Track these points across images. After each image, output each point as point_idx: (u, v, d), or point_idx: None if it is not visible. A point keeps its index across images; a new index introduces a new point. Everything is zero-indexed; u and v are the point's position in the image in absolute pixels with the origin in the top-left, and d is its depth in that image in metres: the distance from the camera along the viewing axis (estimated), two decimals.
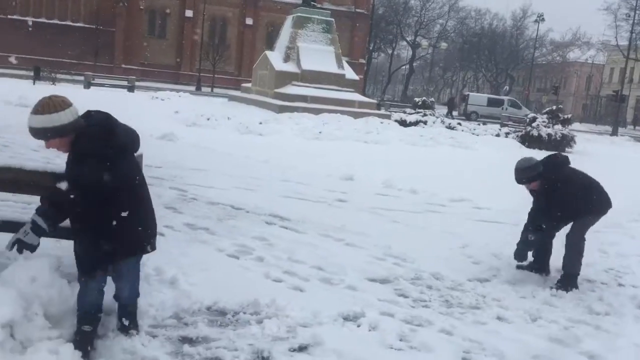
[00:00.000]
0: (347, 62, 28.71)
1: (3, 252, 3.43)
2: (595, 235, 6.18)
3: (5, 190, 4.04)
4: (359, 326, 4.02)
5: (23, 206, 4.24)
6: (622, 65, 75.51)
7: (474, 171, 11.92)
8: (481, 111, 45.31)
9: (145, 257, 3.54)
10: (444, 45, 57.65)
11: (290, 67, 20.48)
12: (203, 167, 9.80)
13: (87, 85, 29.49)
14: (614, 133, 38.75)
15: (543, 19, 59.24)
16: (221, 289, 4.36)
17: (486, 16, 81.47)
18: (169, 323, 3.82)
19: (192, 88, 40.02)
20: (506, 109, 45.40)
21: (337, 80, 20.51)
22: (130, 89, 30.34)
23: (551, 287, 5.14)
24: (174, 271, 4.49)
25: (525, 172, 5.30)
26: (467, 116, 43.81)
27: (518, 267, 5.51)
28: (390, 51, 79.16)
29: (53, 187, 3.17)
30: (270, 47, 25.66)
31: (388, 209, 7.95)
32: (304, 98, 19.20)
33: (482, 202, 8.79)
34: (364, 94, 38.05)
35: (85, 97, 19.26)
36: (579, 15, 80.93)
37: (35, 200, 4.30)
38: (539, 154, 17.42)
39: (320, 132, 14.93)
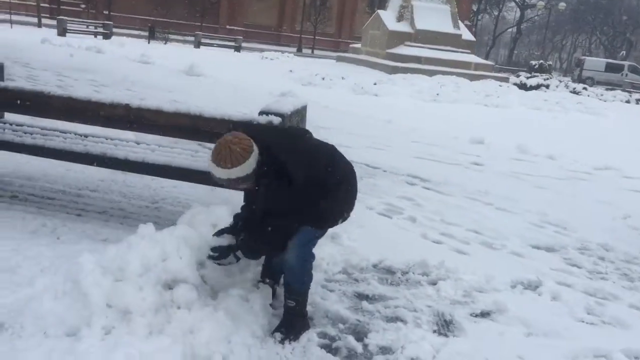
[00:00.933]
0: None
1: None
2: None
3: (181, 136, 4.03)
4: (539, 295, 3.72)
5: (191, 153, 4.24)
6: None
7: (612, 138, 11.06)
8: (598, 77, 42.35)
9: None
10: (562, 5, 53.84)
11: (404, 27, 19.85)
12: (327, 125, 9.67)
13: (197, 44, 30.26)
14: None
15: None
16: (384, 247, 4.19)
17: None
18: (340, 278, 3.71)
19: (293, 49, 40.07)
20: (626, 74, 42.20)
21: (452, 40, 19.67)
22: (237, 49, 30.87)
23: None
24: None
25: None
26: (582, 82, 41.04)
27: None
28: (496, 13, 75.51)
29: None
30: (373, 9, 25.01)
31: (528, 174, 7.49)
32: (417, 59, 18.59)
33: (630, 172, 8.10)
34: None
35: (198, 56, 19.76)
36: None
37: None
38: None
39: (437, 94, 14.40)
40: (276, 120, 3.75)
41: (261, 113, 3.82)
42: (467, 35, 20.80)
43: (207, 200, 4.70)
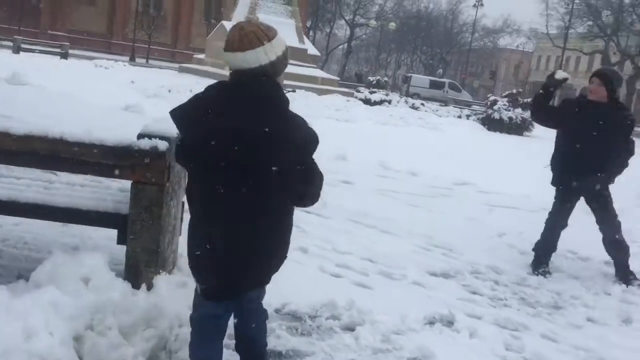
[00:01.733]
0: None
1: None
2: None
3: (34, 165, 3.19)
4: (458, 332, 3.47)
5: (45, 185, 3.41)
6: (550, 53, 78.59)
7: (455, 153, 11.58)
8: (423, 93, 45.52)
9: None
10: (392, 25, 57.33)
11: None
12: None
13: (17, 50, 27.24)
14: None
15: (482, 4, 60.22)
16: (283, 286, 3.63)
17: None
18: None
19: (126, 58, 37.85)
20: (447, 91, 45.99)
21: (299, 55, 19.68)
22: (64, 55, 28.32)
23: (618, 282, 4.76)
24: None
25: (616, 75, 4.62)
26: (410, 97, 43.97)
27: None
28: (328, 30, 78.53)
29: None
30: (209, 20, 24.38)
31: (396, 191, 7.44)
32: None
33: (484, 186, 8.42)
34: None
35: (18, 63, 17.59)
36: (510, 1, 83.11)
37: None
38: (501, 138, 17.57)
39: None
40: (162, 145, 3.11)
41: (142, 136, 3.15)
42: (312, 50, 21.03)
43: (62, 241, 3.86)
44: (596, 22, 60.23)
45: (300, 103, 15.17)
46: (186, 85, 15.43)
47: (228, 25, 19.92)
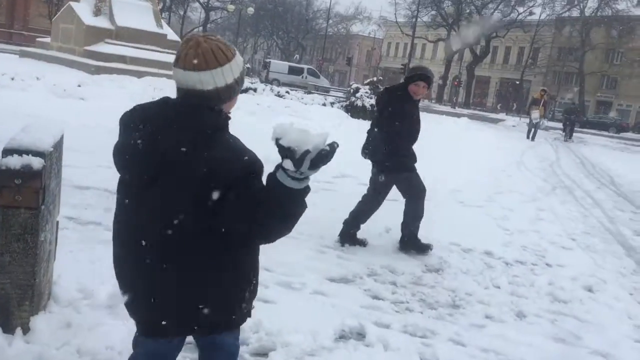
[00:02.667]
0: None
1: None
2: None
3: None
4: (372, 347, 3.35)
5: None
6: (399, 40, 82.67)
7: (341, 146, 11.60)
8: (282, 79, 45.70)
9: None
10: (250, 9, 56.53)
11: (103, 22, 18.04)
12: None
13: None
14: None
15: None
16: None
17: None
18: None
19: None
20: (306, 77, 46.51)
21: (157, 40, 18.60)
22: None
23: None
24: (108, 289, 3.31)
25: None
26: (270, 83, 43.90)
27: None
28: (181, 12, 75.91)
29: None
30: None
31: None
32: (122, 58, 17.08)
33: (365, 178, 8.46)
34: None
35: None
36: None
37: None
38: (363, 123, 18.02)
39: (153, 98, 13.35)
40: (37, 163, 2.62)
41: (7, 152, 2.63)
42: (172, 35, 20.00)
43: None
44: (439, 12, 64.28)
45: (164, 93, 14.38)
46: (31, 73, 13.93)
47: (76, 7, 18.35)
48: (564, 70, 60.10)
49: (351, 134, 13.82)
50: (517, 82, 61.45)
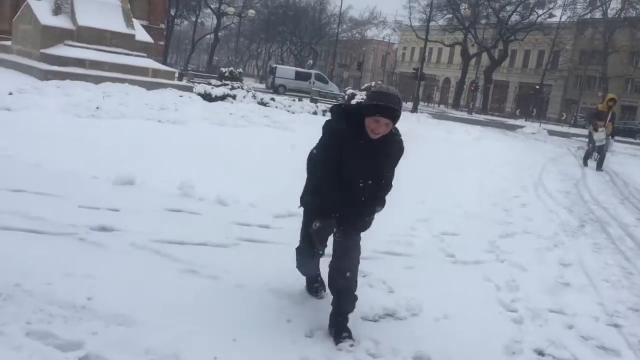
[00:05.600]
0: (146, 26, 24.59)
1: None
2: None
3: None
4: None
5: None
6: (414, 45, 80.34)
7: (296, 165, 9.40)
8: (289, 84, 43.83)
9: None
10: (251, 12, 54.70)
11: (63, 22, 16.01)
12: None
13: None
14: (414, 110, 39.66)
15: None
16: None
17: None
18: None
19: None
20: (313, 82, 44.47)
21: (125, 41, 16.53)
22: None
23: None
24: None
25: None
26: (275, 89, 42.01)
27: None
28: (194, 19, 74.46)
29: None
30: None
31: (182, 241, 4.93)
32: (81, 62, 15.04)
33: None
34: (165, 63, 33.85)
35: None
36: None
37: None
38: None
39: (97, 108, 11.29)
40: None
41: None
42: (142, 36, 17.94)
43: None
44: (455, 15, 61.89)
45: (115, 101, 12.30)
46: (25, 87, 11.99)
47: (34, 5, 16.31)
48: (586, 74, 57.30)
49: None
50: (537, 87, 58.69)
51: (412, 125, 22.98)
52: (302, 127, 14.42)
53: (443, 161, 12.91)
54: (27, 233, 4.57)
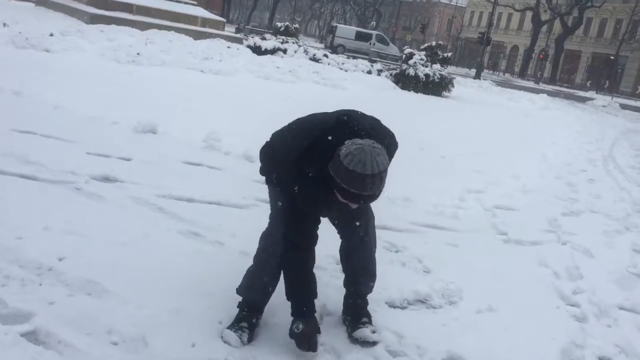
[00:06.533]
0: None
1: None
2: None
3: None
4: None
5: None
6: (483, 9, 76.90)
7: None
8: (349, 45, 42.63)
9: None
10: None
11: None
12: None
13: None
14: (477, 76, 37.89)
15: None
16: None
17: None
18: None
19: None
20: (374, 44, 43.17)
21: None
22: None
23: None
24: None
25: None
26: (334, 49, 40.90)
27: None
28: None
29: None
30: None
31: (192, 198, 4.35)
32: (128, 7, 14.64)
33: None
34: (228, 20, 33.29)
35: None
36: None
37: None
38: (415, 98, 14.78)
39: (138, 54, 10.83)
40: None
41: None
42: None
43: None
44: None
45: (157, 47, 11.80)
46: (4, 19, 11.66)
47: None
48: None
49: (393, 111, 10.68)
50: (612, 58, 55.15)
51: (474, 91, 21.84)
52: (352, 85, 13.65)
53: (503, 129, 11.90)
54: (17, 178, 4.08)
